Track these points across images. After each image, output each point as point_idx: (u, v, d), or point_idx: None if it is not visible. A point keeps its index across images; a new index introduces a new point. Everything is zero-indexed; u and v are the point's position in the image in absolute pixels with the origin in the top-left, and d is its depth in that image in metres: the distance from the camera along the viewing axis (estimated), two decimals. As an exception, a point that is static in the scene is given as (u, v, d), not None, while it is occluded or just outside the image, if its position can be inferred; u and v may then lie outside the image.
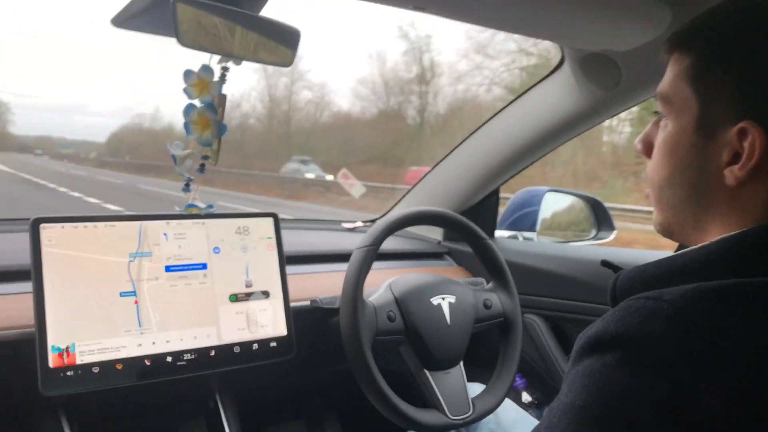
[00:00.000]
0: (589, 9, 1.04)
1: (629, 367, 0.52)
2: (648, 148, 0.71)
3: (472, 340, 1.23)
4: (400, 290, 1.18)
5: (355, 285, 1.10)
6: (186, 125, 1.00)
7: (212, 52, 0.91)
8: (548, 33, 1.19)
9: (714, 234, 0.64)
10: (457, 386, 1.20)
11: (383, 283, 1.22)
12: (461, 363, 1.23)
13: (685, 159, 0.65)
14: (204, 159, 1.04)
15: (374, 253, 1.14)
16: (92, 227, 1.01)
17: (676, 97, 0.65)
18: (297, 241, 1.49)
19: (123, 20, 0.96)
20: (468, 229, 1.29)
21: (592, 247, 1.81)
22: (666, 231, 0.71)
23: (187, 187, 1.05)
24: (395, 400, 1.09)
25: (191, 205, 1.07)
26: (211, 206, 1.09)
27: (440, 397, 1.16)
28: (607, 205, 1.94)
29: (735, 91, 0.60)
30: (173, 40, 0.92)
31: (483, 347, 1.33)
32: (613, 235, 1.90)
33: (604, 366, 0.54)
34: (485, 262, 1.32)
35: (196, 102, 1.00)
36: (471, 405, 1.18)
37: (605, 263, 0.90)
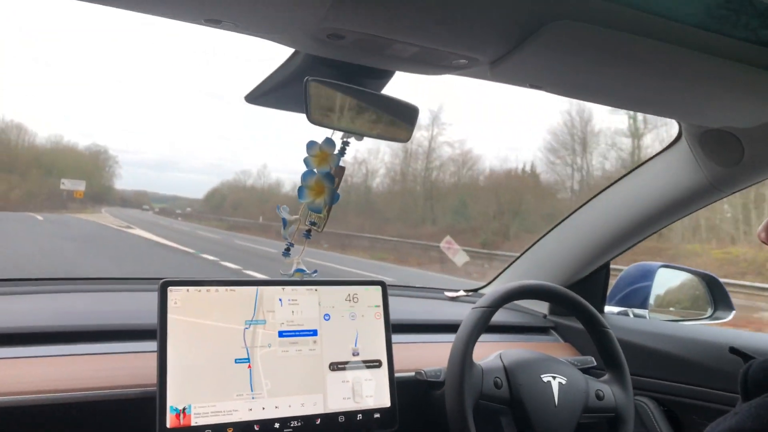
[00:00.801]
0: (709, 86, 1.01)
1: None
2: None
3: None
4: (510, 360, 1.17)
5: (466, 343, 1.09)
6: (300, 189, 1.05)
7: (338, 129, 0.95)
8: (667, 110, 1.16)
9: None
10: None
11: (493, 353, 1.20)
12: None
13: None
14: (312, 225, 1.08)
15: (490, 316, 1.14)
16: (214, 291, 1.06)
17: None
18: (400, 309, 1.49)
19: (256, 97, 1.03)
20: (587, 311, 1.26)
21: (709, 328, 1.70)
22: None
23: (287, 252, 1.09)
24: None
25: (299, 270, 1.10)
26: (315, 271, 1.12)
27: None
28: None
29: None
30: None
31: None
32: (731, 316, 1.78)
33: None
34: (602, 352, 1.27)
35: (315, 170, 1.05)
36: None
37: (734, 351, 0.85)
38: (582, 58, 0.90)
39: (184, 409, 0.98)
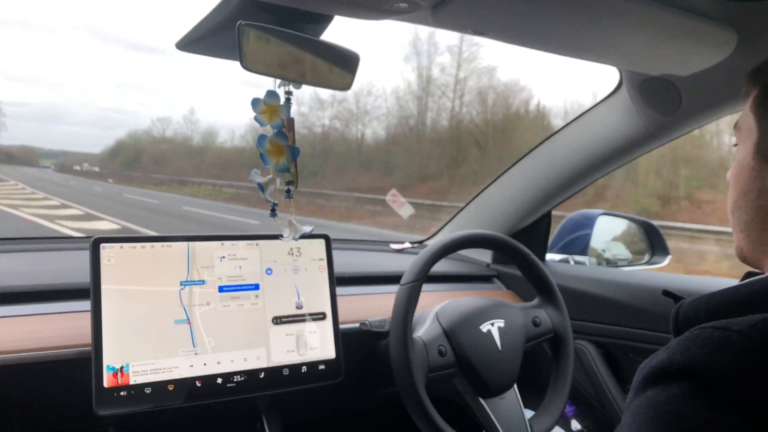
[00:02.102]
0: (651, 34, 1.01)
1: (698, 400, 0.52)
2: None
3: (524, 362, 1.21)
4: (448, 321, 1.17)
5: (404, 324, 1.08)
6: (262, 156, 1.01)
7: (274, 75, 0.91)
8: (608, 58, 1.16)
9: None
10: (513, 410, 1.18)
11: (430, 312, 1.20)
12: (515, 386, 1.21)
13: (746, 183, 0.68)
14: (288, 184, 1.05)
15: (419, 288, 1.12)
16: (149, 247, 1.02)
17: (743, 126, 0.69)
18: (346, 262, 1.48)
19: (187, 44, 0.98)
20: (511, 246, 1.27)
21: (646, 273, 1.76)
22: (741, 255, 0.72)
23: (273, 212, 1.06)
24: None
25: (303, 234, 1.07)
26: (313, 228, 1.09)
27: (497, 425, 1.14)
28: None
29: None
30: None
31: (535, 368, 1.30)
32: (667, 260, 1.84)
33: (670, 397, 0.54)
34: (531, 279, 1.30)
35: (267, 130, 1.01)
36: (528, 427, 1.17)
37: (667, 293, 0.88)
38: (523, 3, 0.88)
39: (121, 367, 0.96)
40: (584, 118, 1.46)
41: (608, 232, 1.84)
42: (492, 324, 1.18)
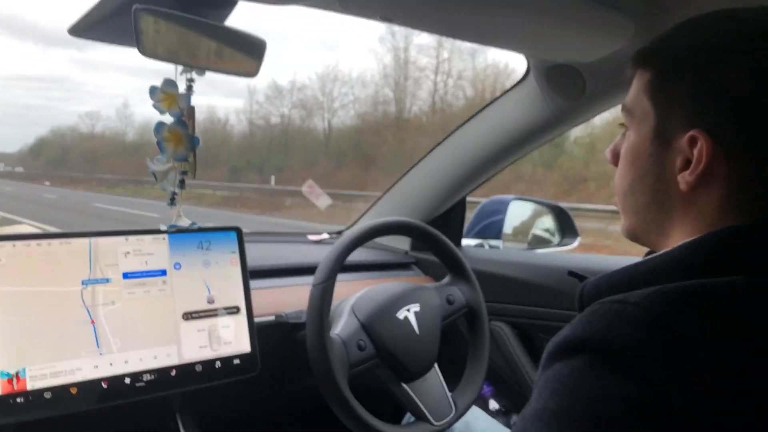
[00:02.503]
0: (553, 21, 1.04)
1: (598, 370, 0.54)
2: (615, 158, 0.75)
3: (442, 341, 1.23)
4: (364, 314, 1.16)
5: (320, 325, 1.06)
6: (159, 144, 0.97)
7: (174, 62, 0.88)
8: (514, 44, 1.19)
9: (676, 238, 0.66)
10: (436, 390, 1.20)
11: (346, 305, 1.19)
12: (436, 365, 1.23)
13: (644, 167, 0.68)
14: (183, 174, 1.00)
15: (332, 286, 1.11)
16: (46, 245, 0.96)
17: (637, 109, 0.69)
18: (261, 255, 1.45)
19: (82, 29, 0.92)
20: (416, 228, 1.28)
21: (557, 254, 1.82)
22: (633, 236, 0.74)
23: (173, 202, 1.02)
24: (380, 427, 1.08)
25: (173, 226, 1.03)
26: (194, 223, 1.05)
27: (422, 407, 1.16)
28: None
29: (687, 103, 0.63)
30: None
31: (454, 346, 1.32)
32: (577, 242, 1.91)
33: (573, 369, 0.56)
34: (441, 258, 1.32)
35: (166, 118, 0.97)
36: (452, 404, 1.19)
37: (572, 273, 0.92)
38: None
39: (17, 373, 0.90)
40: (495, 105, 1.49)
41: (521, 216, 1.89)
42: (408, 310, 1.19)
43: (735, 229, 0.61)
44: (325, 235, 1.76)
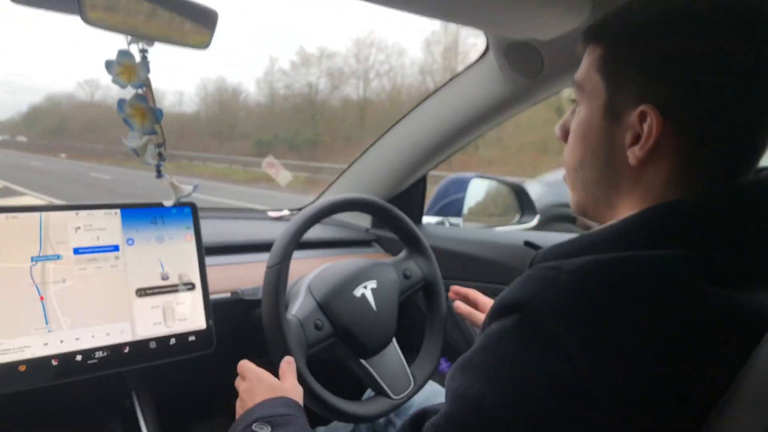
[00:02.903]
0: None
1: (523, 332, 0.57)
2: (565, 134, 0.75)
3: (400, 315, 1.23)
4: (320, 293, 1.15)
5: (276, 306, 1.05)
6: (125, 121, 0.94)
7: (121, 32, 0.85)
8: (473, 20, 1.18)
9: (623, 212, 0.68)
10: (395, 365, 1.21)
11: (303, 284, 1.18)
12: (394, 340, 1.24)
13: (594, 142, 0.69)
14: (159, 146, 0.98)
15: (287, 268, 1.09)
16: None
17: (588, 85, 0.69)
18: (219, 231, 1.44)
19: (22, -4, 0.89)
20: (371, 203, 1.27)
21: (515, 232, 1.84)
22: (582, 211, 0.75)
23: (159, 174, 1.00)
24: (340, 404, 1.08)
25: (182, 197, 1.01)
26: (197, 186, 1.03)
27: (381, 382, 1.16)
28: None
29: (637, 78, 0.64)
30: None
31: (411, 317, 1.33)
32: (536, 220, 1.94)
33: (502, 328, 0.59)
34: (397, 232, 1.32)
35: (127, 94, 0.95)
36: (411, 378, 1.21)
37: (528, 243, 0.93)
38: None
39: (-38, 350, 0.88)
40: (455, 82, 1.49)
41: (481, 194, 1.90)
42: (365, 287, 1.19)
43: (675, 203, 0.62)
44: (285, 212, 1.75)
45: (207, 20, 0.92)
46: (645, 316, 0.55)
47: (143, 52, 0.94)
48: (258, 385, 0.89)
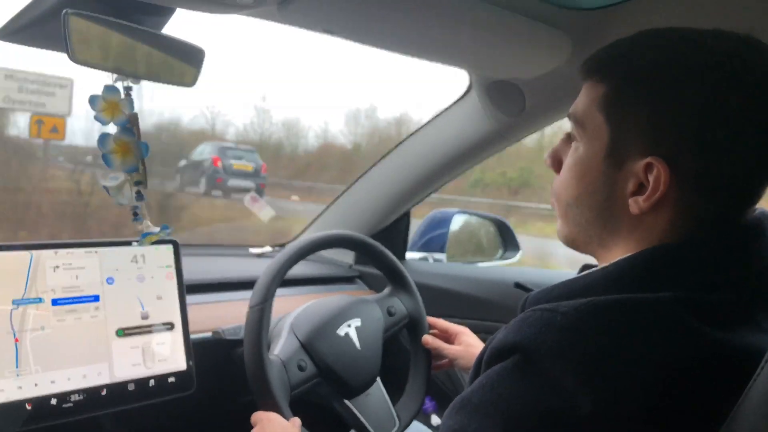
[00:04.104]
0: (494, 39, 1.05)
1: (522, 373, 0.57)
2: (557, 164, 0.74)
3: (385, 353, 1.22)
4: (303, 332, 1.13)
5: (258, 347, 1.03)
6: (104, 157, 0.92)
7: (108, 70, 0.85)
8: (455, 60, 1.20)
9: (617, 252, 0.67)
10: (379, 405, 1.19)
11: (285, 323, 1.16)
12: (378, 379, 1.22)
13: (593, 183, 0.67)
14: (138, 185, 0.96)
15: (270, 308, 1.07)
16: None
17: (589, 123, 0.67)
18: (200, 268, 1.42)
19: (10, 33, 0.88)
20: (357, 240, 1.26)
21: (499, 268, 1.84)
22: (571, 243, 0.74)
23: (136, 217, 0.97)
24: None
25: (147, 234, 0.98)
26: (165, 227, 1.01)
27: (365, 423, 1.14)
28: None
29: (645, 125, 0.63)
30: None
31: (395, 355, 1.31)
32: (518, 255, 1.94)
33: (501, 369, 0.59)
34: (381, 269, 1.31)
35: (110, 128, 0.93)
36: (396, 418, 1.19)
37: (518, 285, 0.93)
38: (372, 2, 0.88)
39: (-69, 396, 0.85)
40: (438, 120, 1.50)
41: (464, 229, 1.91)
42: (349, 325, 1.18)
43: (669, 246, 0.63)
44: (267, 248, 1.73)
45: (194, 58, 0.92)
46: (641, 356, 0.55)
47: (127, 89, 0.93)
48: (269, 426, 0.96)
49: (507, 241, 1.93)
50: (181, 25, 0.97)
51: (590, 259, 0.75)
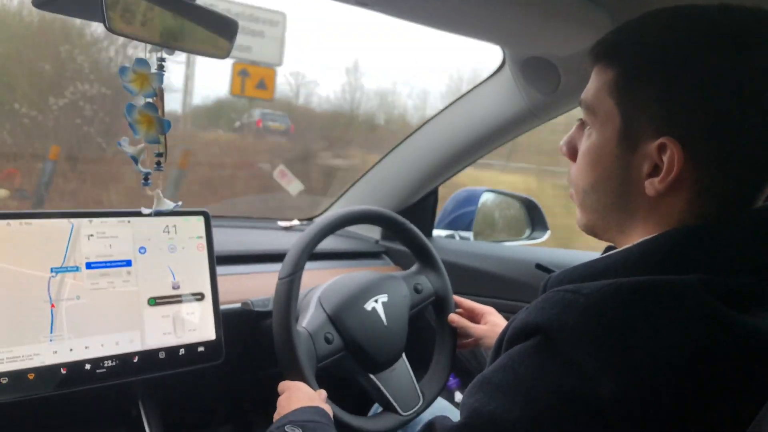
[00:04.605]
0: (529, 13, 1.03)
1: (543, 354, 0.57)
2: (572, 152, 0.74)
3: (410, 330, 1.22)
4: (331, 305, 1.14)
5: (287, 319, 1.04)
6: (131, 125, 0.94)
7: (143, 40, 0.85)
8: (490, 35, 1.18)
9: (636, 236, 0.66)
10: (404, 381, 1.20)
11: (313, 297, 1.17)
12: (404, 355, 1.22)
13: (608, 169, 0.67)
14: (158, 156, 0.97)
15: (299, 279, 1.08)
16: (25, 224, 0.94)
17: (600, 109, 0.67)
18: (230, 240, 1.43)
19: (46, 1, 0.89)
20: (385, 217, 1.26)
21: (526, 248, 1.83)
22: (590, 231, 0.74)
23: (146, 181, 0.98)
24: (348, 419, 1.06)
25: (159, 211, 1.00)
26: (178, 205, 1.02)
27: (390, 398, 1.15)
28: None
29: (656, 107, 0.62)
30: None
31: (422, 334, 1.32)
32: (546, 235, 1.92)
33: (523, 349, 0.59)
34: (409, 246, 1.31)
35: (138, 100, 0.94)
36: (420, 394, 1.19)
37: (539, 266, 0.93)
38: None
39: (-28, 357, 0.87)
40: (469, 96, 1.48)
41: (492, 208, 1.89)
42: (376, 300, 1.18)
43: (692, 228, 0.62)
44: (295, 222, 1.74)
45: (227, 30, 0.92)
46: (665, 339, 0.54)
47: (161, 61, 0.94)
48: (296, 393, 0.97)
49: (535, 220, 1.91)
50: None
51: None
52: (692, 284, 0.57)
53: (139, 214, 1.05)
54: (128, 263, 1.03)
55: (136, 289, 1.03)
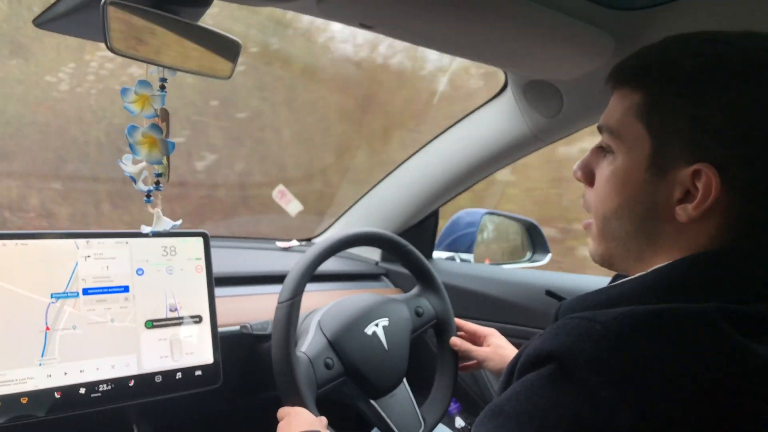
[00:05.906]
0: (533, 37, 1.03)
1: (558, 382, 0.55)
2: (589, 177, 0.72)
3: (411, 353, 1.21)
4: (331, 330, 1.12)
5: (286, 344, 1.02)
6: (131, 146, 0.93)
7: (144, 60, 0.84)
8: (493, 59, 1.18)
9: (654, 264, 0.65)
10: (405, 406, 1.18)
11: (312, 320, 1.16)
12: (405, 380, 1.20)
13: (635, 194, 0.66)
14: (158, 176, 0.96)
15: (299, 303, 1.07)
16: (22, 245, 0.92)
17: (627, 133, 0.65)
18: (227, 261, 1.42)
19: (47, 21, 0.88)
20: (387, 239, 1.25)
21: (527, 271, 1.81)
22: (606, 261, 0.72)
23: (149, 199, 0.97)
24: None
25: (156, 231, 0.99)
26: (176, 225, 1.01)
27: (391, 424, 1.13)
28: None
29: (689, 132, 0.61)
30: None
31: (423, 358, 1.30)
32: (547, 258, 1.91)
33: (537, 378, 0.57)
34: (410, 268, 1.30)
35: (141, 120, 0.93)
36: (422, 420, 1.17)
37: (549, 293, 0.91)
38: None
39: (-36, 381, 0.85)
40: (471, 119, 1.48)
41: (493, 230, 1.88)
42: (376, 324, 1.16)
43: (708, 254, 0.61)
44: (294, 242, 1.73)
45: (230, 51, 0.92)
46: (684, 368, 0.53)
47: (162, 81, 0.93)
48: (297, 419, 0.95)
49: (536, 243, 1.90)
50: None
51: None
52: (710, 312, 0.56)
53: (137, 234, 1.04)
54: (126, 289, 1.01)
55: (134, 313, 1.01)
